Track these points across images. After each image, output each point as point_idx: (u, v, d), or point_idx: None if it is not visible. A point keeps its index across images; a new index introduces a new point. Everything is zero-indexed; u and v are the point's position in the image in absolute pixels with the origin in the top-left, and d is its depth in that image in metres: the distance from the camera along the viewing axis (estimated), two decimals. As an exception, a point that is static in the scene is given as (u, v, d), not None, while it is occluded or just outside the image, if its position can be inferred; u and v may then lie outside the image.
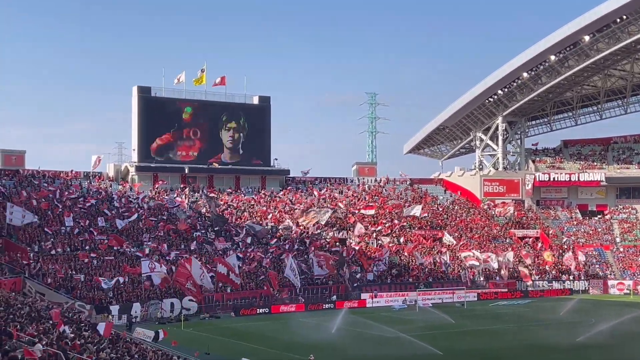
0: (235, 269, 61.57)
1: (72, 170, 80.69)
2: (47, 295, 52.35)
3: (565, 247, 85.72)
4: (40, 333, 27.55)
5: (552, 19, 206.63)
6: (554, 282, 78.13)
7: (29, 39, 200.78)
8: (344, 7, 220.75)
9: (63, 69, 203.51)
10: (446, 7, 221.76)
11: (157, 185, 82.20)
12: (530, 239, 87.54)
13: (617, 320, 50.37)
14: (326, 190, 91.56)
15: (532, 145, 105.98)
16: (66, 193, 73.15)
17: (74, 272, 57.97)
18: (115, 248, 64.12)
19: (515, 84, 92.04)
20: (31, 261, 57.28)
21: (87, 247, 63.16)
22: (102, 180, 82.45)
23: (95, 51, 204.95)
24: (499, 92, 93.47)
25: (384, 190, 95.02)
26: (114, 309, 54.60)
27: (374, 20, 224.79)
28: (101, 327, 34.01)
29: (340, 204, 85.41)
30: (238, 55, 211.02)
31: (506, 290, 74.57)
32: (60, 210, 68.14)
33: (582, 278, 79.02)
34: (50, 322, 32.83)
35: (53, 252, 60.81)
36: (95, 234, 65.84)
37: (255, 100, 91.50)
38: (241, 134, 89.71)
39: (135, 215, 70.60)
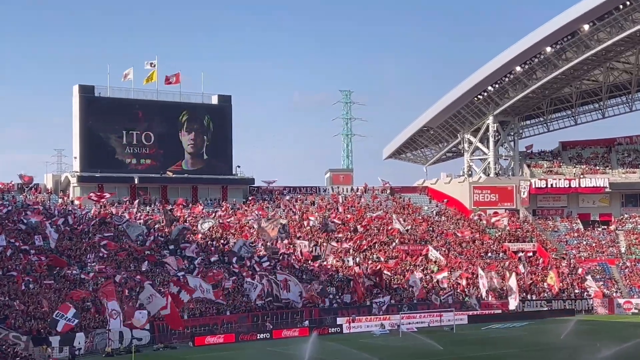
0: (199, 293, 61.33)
1: (7, 182, 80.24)
2: (-24, 326, 51.64)
3: (566, 262, 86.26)
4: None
5: (548, 7, 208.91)
6: (553, 301, 78.74)
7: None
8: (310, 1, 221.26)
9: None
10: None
11: (102, 199, 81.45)
12: (526, 253, 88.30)
13: (624, 344, 50.79)
14: (296, 201, 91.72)
15: (526, 148, 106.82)
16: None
17: (7, 299, 57.35)
18: (55, 271, 63.52)
19: (507, 79, 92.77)
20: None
21: (22, 269, 62.40)
22: (39, 192, 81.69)
23: (30, 47, 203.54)
24: (490, 88, 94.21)
25: (361, 200, 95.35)
26: (54, 340, 53.98)
27: (348, 10, 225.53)
28: None
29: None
30: (193, 49, 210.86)
31: (500, 311, 75.02)
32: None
33: (585, 297, 79.69)
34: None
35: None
36: (31, 254, 65.17)
37: (215, 100, 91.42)
38: (205, 137, 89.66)
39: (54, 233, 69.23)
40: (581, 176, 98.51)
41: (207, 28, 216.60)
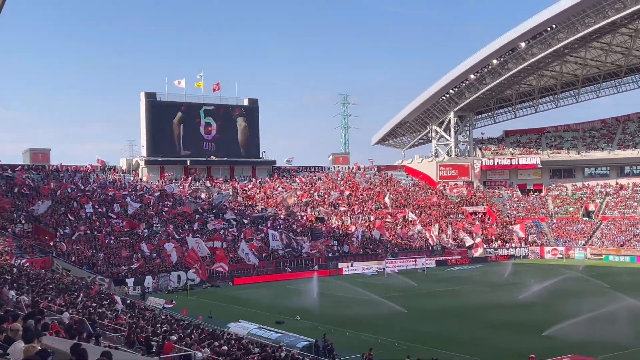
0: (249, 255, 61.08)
1: (90, 165, 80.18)
2: (72, 272, 52.01)
3: (509, 220, 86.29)
4: (68, 303, 27.35)
5: (495, 28, 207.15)
6: (499, 250, 78.83)
7: (51, 52, 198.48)
8: (318, 26, 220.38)
9: (81, 77, 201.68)
10: (400, 17, 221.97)
11: (164, 177, 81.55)
12: (479, 214, 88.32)
13: (552, 281, 50.95)
14: (307, 177, 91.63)
15: (481, 134, 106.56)
16: (85, 184, 72.46)
17: (95, 251, 57.67)
18: (128, 230, 63.73)
19: (464, 84, 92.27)
20: (57, 242, 56.83)
21: (104, 230, 62.69)
22: (117, 172, 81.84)
23: (108, 62, 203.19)
24: (451, 91, 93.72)
25: (356, 176, 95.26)
26: (130, 281, 54.40)
27: (345, 31, 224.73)
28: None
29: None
30: (230, 61, 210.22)
31: (459, 257, 75.18)
32: (81, 199, 67.53)
33: (522, 245, 79.80)
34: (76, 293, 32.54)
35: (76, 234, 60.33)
36: (112, 218, 65.40)
37: (246, 102, 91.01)
38: (243, 132, 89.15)
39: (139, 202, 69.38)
40: (519, 156, 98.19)
41: (242, 46, 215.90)
